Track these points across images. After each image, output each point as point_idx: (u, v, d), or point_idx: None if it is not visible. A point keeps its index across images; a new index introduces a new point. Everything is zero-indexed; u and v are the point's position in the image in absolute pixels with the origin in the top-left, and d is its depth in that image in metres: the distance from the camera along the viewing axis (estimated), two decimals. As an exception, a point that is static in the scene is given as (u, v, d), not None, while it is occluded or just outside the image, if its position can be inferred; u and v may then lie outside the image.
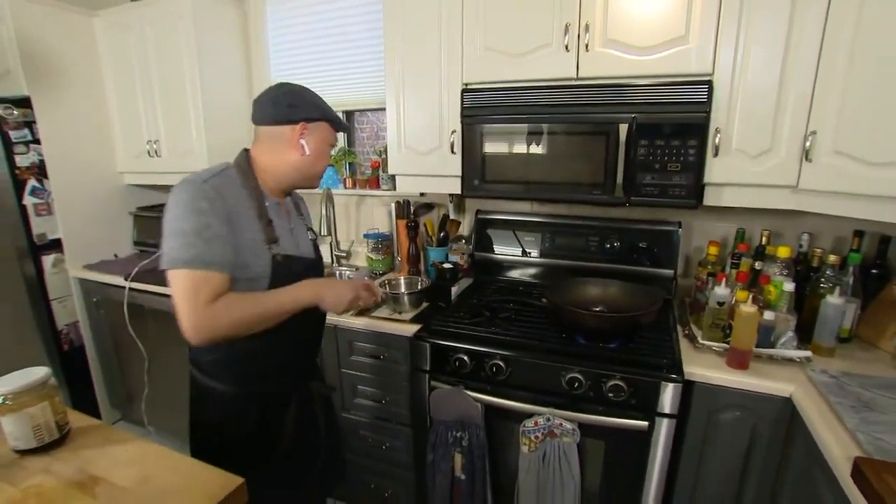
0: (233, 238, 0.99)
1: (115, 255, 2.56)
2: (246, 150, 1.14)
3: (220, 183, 1.02)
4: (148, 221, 2.58)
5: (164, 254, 0.96)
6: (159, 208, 2.63)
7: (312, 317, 1.13)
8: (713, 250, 1.59)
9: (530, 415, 1.35)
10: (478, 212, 1.98)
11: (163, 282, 2.08)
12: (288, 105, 1.09)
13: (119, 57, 2.32)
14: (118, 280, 2.21)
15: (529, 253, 1.90)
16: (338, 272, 2.24)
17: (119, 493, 0.82)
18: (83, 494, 0.82)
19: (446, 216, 2.01)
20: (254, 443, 1.15)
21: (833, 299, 1.31)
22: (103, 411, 2.58)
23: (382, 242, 2.13)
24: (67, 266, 2.36)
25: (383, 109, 1.81)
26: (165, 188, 2.78)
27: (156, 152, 2.35)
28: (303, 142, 1.10)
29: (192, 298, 0.94)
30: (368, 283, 1.19)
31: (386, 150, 1.88)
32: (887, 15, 1.12)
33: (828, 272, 1.40)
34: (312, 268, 1.20)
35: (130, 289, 2.17)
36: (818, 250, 1.48)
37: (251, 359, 1.10)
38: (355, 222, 2.34)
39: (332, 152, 2.27)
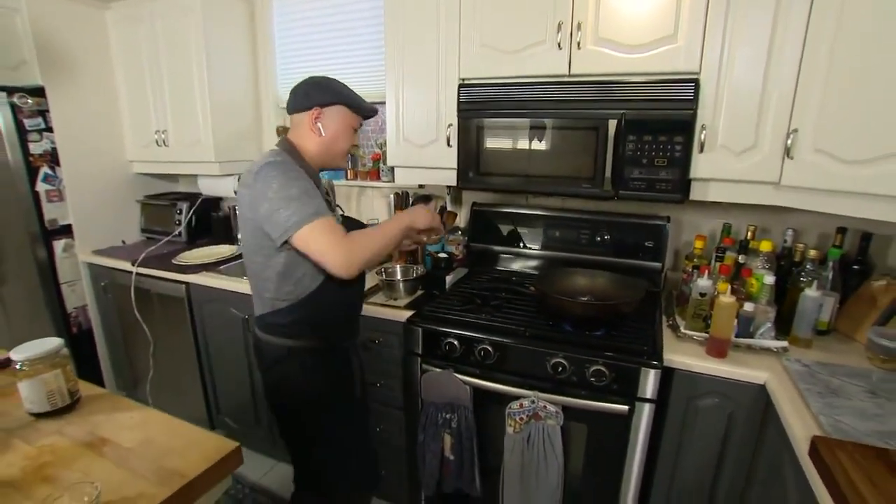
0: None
1: (123, 242, 2.64)
2: (286, 137, 1.29)
3: (287, 160, 1.19)
4: (154, 209, 2.66)
5: (283, 221, 1.10)
6: (166, 196, 2.71)
7: (363, 275, 1.34)
8: (699, 244, 1.63)
9: (516, 397, 1.41)
10: (474, 204, 2.04)
11: (169, 268, 2.18)
12: (304, 94, 1.26)
13: (129, 49, 2.39)
14: (126, 265, 2.28)
15: (523, 245, 1.95)
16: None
17: (125, 452, 0.89)
18: (92, 453, 0.89)
19: (444, 207, 2.06)
20: (333, 389, 1.32)
21: (811, 292, 1.35)
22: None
23: (381, 233, 2.19)
24: (77, 251, 2.44)
25: (384, 103, 1.86)
26: (172, 177, 2.86)
27: (164, 142, 2.42)
28: (319, 125, 1.25)
29: (333, 239, 1.11)
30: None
31: (386, 143, 1.94)
32: (866, 18, 1.16)
33: (808, 266, 1.45)
34: None
35: (137, 274, 2.25)
36: (801, 245, 1.53)
37: (326, 314, 1.27)
38: (356, 213, 2.40)
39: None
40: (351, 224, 1.32)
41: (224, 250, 2.40)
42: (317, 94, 1.25)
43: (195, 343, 2.24)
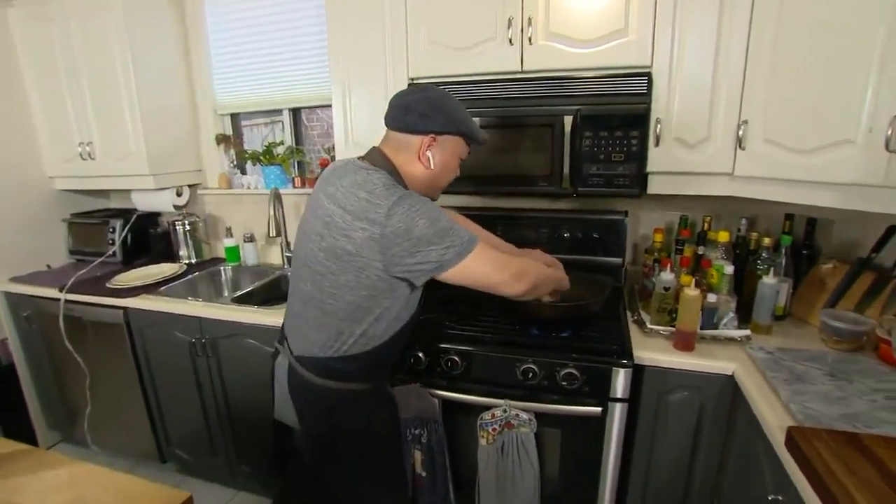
0: None
1: (48, 266, 2.40)
2: (382, 152, 1.12)
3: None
4: (83, 228, 2.43)
5: (437, 258, 0.99)
6: (96, 214, 2.48)
7: None
8: (658, 237, 1.64)
9: (487, 407, 1.35)
10: (431, 207, 1.97)
11: (103, 292, 1.99)
12: (420, 114, 1.07)
13: (40, 52, 2.16)
14: (52, 292, 2.06)
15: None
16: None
17: (48, 519, 0.77)
18: (7, 524, 0.76)
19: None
20: (389, 434, 1.23)
21: (768, 280, 1.38)
22: (40, 434, 2.41)
23: (336, 242, 2.08)
24: (-9, 279, 2.19)
25: (330, 106, 1.77)
26: (102, 193, 2.63)
27: (89, 155, 2.21)
28: (429, 154, 1.10)
29: (499, 261, 1.05)
30: None
31: (334, 148, 1.84)
32: (806, 9, 1.19)
33: (763, 254, 1.48)
34: None
35: (67, 301, 2.04)
36: (754, 234, 1.56)
37: (388, 355, 1.17)
38: (307, 222, 2.28)
39: (280, 150, 2.23)
40: None
41: (164, 269, 2.22)
42: (437, 117, 1.07)
43: (137, 372, 2.05)
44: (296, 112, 2.32)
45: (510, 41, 1.47)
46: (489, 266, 1.05)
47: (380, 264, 1.00)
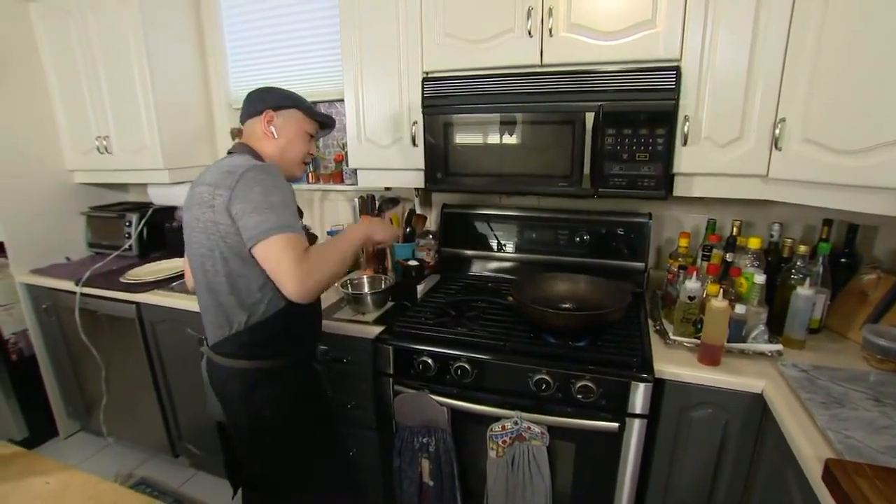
0: None
1: (68, 258, 2.43)
2: (242, 143, 1.23)
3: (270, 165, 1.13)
4: (101, 222, 2.45)
5: (256, 226, 1.02)
6: (113, 207, 2.50)
7: None
8: (684, 242, 1.55)
9: (498, 418, 1.29)
10: (444, 206, 1.91)
11: (117, 287, 1.99)
12: (257, 99, 1.23)
13: (60, 46, 2.17)
14: (69, 285, 2.08)
15: (498, 248, 1.84)
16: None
17: (32, 532, 0.74)
18: (-10, 536, 0.74)
19: (412, 211, 1.93)
20: (314, 410, 1.25)
21: (804, 291, 1.28)
22: (60, 423, 2.45)
23: (348, 239, 2.05)
24: (12, 271, 2.22)
25: (343, 101, 1.72)
26: (119, 187, 2.64)
27: (106, 149, 2.22)
28: (272, 128, 1.22)
29: (293, 257, 1.02)
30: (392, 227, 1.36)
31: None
32: (854, 0, 1.08)
33: (798, 263, 1.37)
34: None
35: (82, 294, 2.05)
36: (788, 240, 1.45)
37: (295, 327, 1.20)
38: (319, 218, 2.25)
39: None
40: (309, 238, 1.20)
41: (178, 264, 2.21)
42: (268, 97, 1.23)
43: (150, 367, 2.06)
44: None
45: (529, 33, 1.39)
46: (283, 260, 1.02)
47: (232, 228, 1.06)
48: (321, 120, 1.31)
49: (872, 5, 1.05)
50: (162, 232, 2.44)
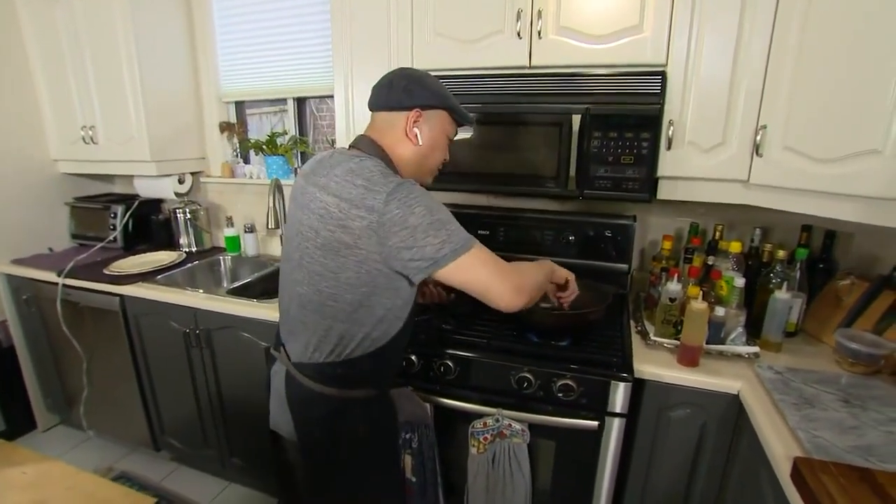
0: None
1: (50, 249, 2.39)
2: (370, 138, 1.06)
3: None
4: (86, 213, 2.42)
5: (432, 252, 0.92)
6: (99, 199, 2.47)
7: None
8: (667, 244, 1.57)
9: (480, 415, 1.31)
10: (433, 204, 1.92)
11: (101, 278, 1.97)
12: (403, 89, 1.03)
13: (46, 34, 2.14)
14: (50, 276, 2.05)
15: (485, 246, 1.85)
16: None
17: (7, 522, 0.74)
18: (-36, 525, 0.73)
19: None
20: (392, 441, 1.17)
21: (781, 294, 1.31)
22: (39, 416, 2.42)
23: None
24: (-8, 261, 2.19)
25: (332, 97, 1.72)
26: (106, 178, 2.62)
27: (91, 139, 2.19)
28: (416, 130, 1.04)
29: (496, 267, 0.96)
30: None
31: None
32: (834, 12, 1.10)
33: (777, 267, 1.40)
34: None
35: (65, 286, 2.03)
36: (768, 245, 1.48)
37: (391, 357, 1.11)
38: (308, 215, 2.24)
39: (283, 140, 2.19)
40: None
41: (163, 257, 2.20)
42: (421, 91, 1.03)
43: (133, 360, 2.04)
44: (301, 102, 2.28)
45: (518, 35, 1.40)
46: (488, 270, 0.96)
47: (378, 256, 0.94)
48: (465, 122, 1.14)
49: (848, 22, 1.08)
50: (148, 224, 2.42)
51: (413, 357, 1.36)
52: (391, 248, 0.92)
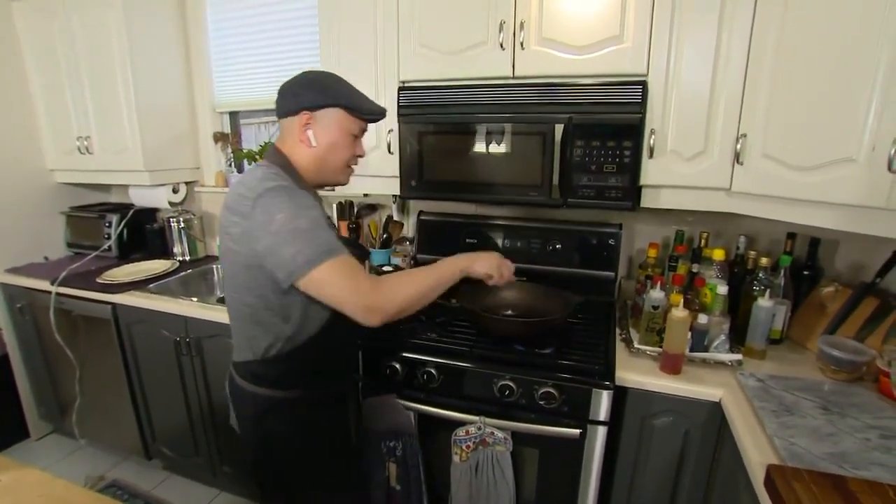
0: None
1: (46, 258, 2.41)
2: (275, 147, 1.09)
3: (289, 182, 0.99)
4: (81, 222, 2.44)
5: (289, 262, 0.92)
6: (93, 208, 2.49)
7: None
8: (653, 252, 1.58)
9: (462, 423, 1.31)
10: (420, 213, 1.94)
11: (93, 287, 1.99)
12: (293, 94, 1.05)
13: (43, 46, 2.18)
14: (44, 284, 2.07)
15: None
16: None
17: (-21, 528, 0.75)
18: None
19: (389, 217, 1.95)
20: (330, 444, 1.16)
21: (763, 302, 1.31)
22: (31, 424, 2.42)
23: (327, 244, 2.06)
24: (-12, 269, 2.21)
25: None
26: (102, 188, 2.64)
27: (87, 149, 2.22)
28: (308, 133, 1.05)
29: (354, 283, 0.93)
30: (508, 261, 1.24)
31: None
32: (808, 25, 1.12)
33: (760, 274, 1.40)
34: None
35: (58, 294, 2.04)
36: (753, 253, 1.49)
37: (327, 359, 1.12)
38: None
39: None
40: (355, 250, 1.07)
41: (156, 266, 2.21)
42: (307, 93, 1.03)
43: (125, 368, 2.05)
44: (294, 112, 2.30)
45: (501, 46, 1.42)
46: (343, 285, 0.93)
47: (255, 261, 0.96)
48: (370, 118, 1.11)
49: (823, 33, 1.09)
50: (143, 233, 2.44)
51: (397, 365, 1.37)
52: (259, 254, 0.94)
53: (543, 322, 1.33)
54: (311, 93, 1.04)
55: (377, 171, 1.68)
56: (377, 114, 1.11)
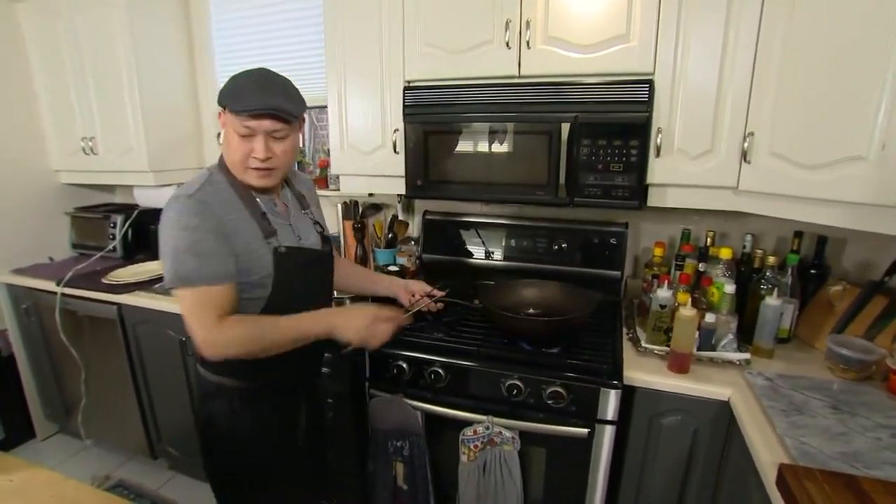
0: (228, 247, 1.00)
1: (51, 258, 2.42)
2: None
3: (208, 192, 1.01)
4: (86, 222, 2.45)
5: (166, 271, 0.98)
6: (98, 208, 2.50)
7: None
8: (659, 251, 1.58)
9: (470, 423, 1.31)
10: (425, 213, 1.93)
11: (99, 287, 1.99)
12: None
13: (48, 47, 2.18)
14: (50, 285, 2.07)
15: (478, 255, 1.86)
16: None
17: (-9, 528, 0.75)
18: (-51, 532, 0.74)
19: (395, 217, 1.95)
20: (270, 439, 1.16)
21: (771, 301, 1.30)
22: (37, 424, 2.43)
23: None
24: (-7, 270, 2.21)
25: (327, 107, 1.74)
26: (107, 188, 2.65)
27: (91, 150, 2.22)
28: (222, 132, 1.06)
29: (198, 314, 0.97)
30: (388, 313, 1.15)
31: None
32: (816, 22, 1.11)
33: (768, 273, 1.40)
34: (320, 260, 1.22)
35: (63, 295, 2.05)
36: (760, 251, 1.48)
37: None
38: (305, 223, 2.26)
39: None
40: (285, 263, 1.08)
41: (161, 266, 2.21)
42: (221, 92, 1.02)
43: (130, 368, 2.05)
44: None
45: (507, 45, 1.42)
46: (187, 313, 0.99)
47: None
48: (240, 110, 0.98)
49: (831, 30, 1.09)
50: (147, 234, 2.44)
51: (404, 365, 1.37)
52: None
53: (566, 320, 1.33)
54: (222, 92, 1.03)
55: (382, 170, 1.68)
56: (251, 109, 0.98)
